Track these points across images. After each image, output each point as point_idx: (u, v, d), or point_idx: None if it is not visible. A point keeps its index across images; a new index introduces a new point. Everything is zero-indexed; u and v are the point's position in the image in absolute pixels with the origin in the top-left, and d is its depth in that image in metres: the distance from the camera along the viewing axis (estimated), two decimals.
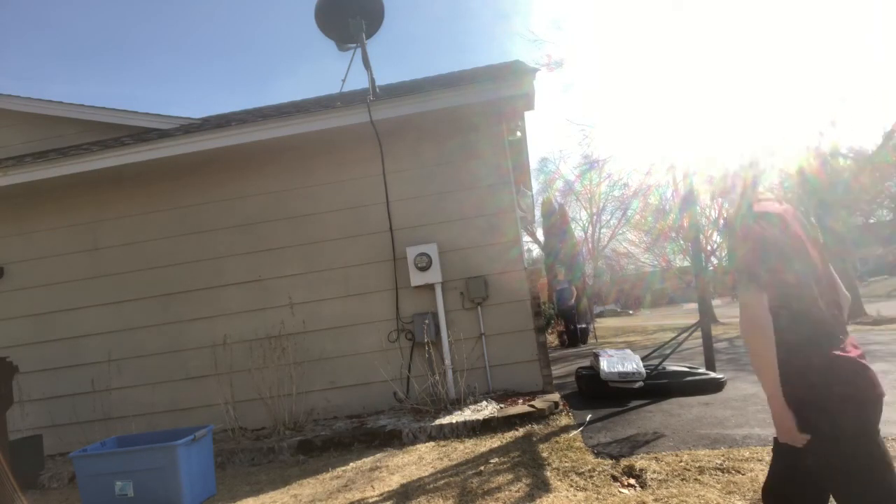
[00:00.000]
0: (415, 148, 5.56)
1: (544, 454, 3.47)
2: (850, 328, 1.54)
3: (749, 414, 3.92)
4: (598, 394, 5.01)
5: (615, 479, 2.95)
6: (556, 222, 16.10)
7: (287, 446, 4.37)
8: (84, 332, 5.55)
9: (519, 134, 6.01)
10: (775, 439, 1.53)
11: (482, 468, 3.35)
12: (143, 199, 5.70)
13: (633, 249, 30.65)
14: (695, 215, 6.37)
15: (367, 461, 3.91)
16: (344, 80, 6.43)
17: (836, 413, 1.38)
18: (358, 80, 13.82)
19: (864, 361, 1.43)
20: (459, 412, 4.56)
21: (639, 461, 3.11)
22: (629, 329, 18.28)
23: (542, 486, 2.92)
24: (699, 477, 2.78)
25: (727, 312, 24.13)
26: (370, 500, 3.09)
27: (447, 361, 5.08)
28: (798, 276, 1.46)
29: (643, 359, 5.36)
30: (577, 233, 24.26)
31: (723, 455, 3.05)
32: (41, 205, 5.73)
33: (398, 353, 5.29)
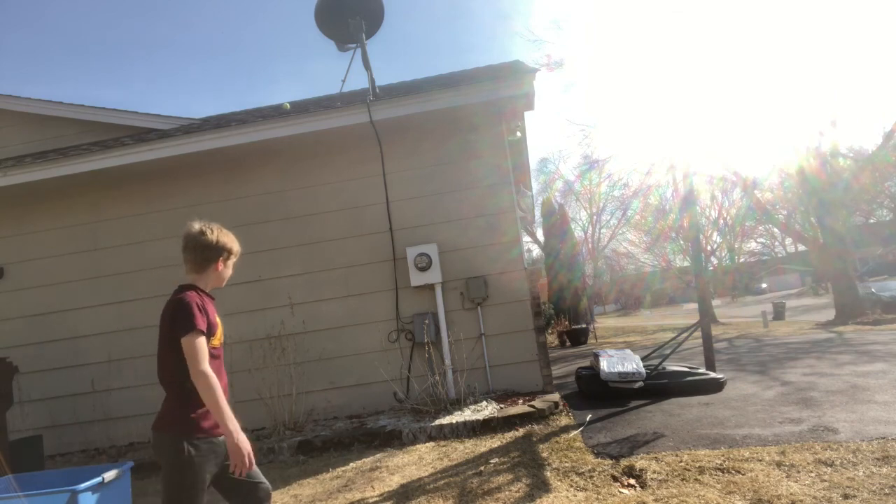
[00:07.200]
0: (415, 148, 5.56)
1: (544, 454, 3.47)
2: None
3: (749, 414, 3.92)
4: (598, 394, 5.01)
5: (615, 479, 2.94)
6: (556, 222, 16.11)
7: (287, 446, 4.36)
8: (84, 332, 5.54)
9: (519, 134, 6.01)
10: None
11: (482, 468, 3.35)
12: (143, 199, 5.69)
13: (633, 249, 30.73)
14: (695, 215, 6.37)
15: (367, 461, 3.90)
16: (344, 80, 6.44)
17: None
18: (358, 81, 13.83)
19: None
20: (459, 412, 4.56)
21: (639, 461, 3.11)
22: (629, 329, 18.28)
23: (542, 487, 2.92)
24: (699, 477, 2.78)
25: (727, 312, 24.12)
26: (370, 501, 3.09)
27: (447, 361, 5.08)
28: None
29: (643, 359, 5.36)
30: (577, 233, 24.30)
31: (723, 455, 3.04)
32: (41, 205, 5.73)
33: (398, 353, 5.29)
